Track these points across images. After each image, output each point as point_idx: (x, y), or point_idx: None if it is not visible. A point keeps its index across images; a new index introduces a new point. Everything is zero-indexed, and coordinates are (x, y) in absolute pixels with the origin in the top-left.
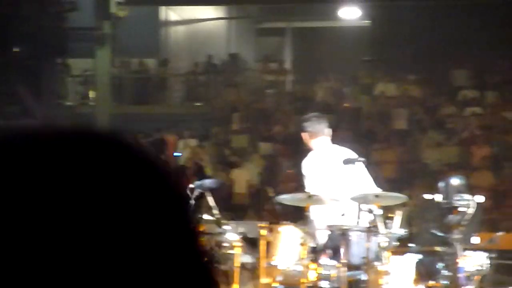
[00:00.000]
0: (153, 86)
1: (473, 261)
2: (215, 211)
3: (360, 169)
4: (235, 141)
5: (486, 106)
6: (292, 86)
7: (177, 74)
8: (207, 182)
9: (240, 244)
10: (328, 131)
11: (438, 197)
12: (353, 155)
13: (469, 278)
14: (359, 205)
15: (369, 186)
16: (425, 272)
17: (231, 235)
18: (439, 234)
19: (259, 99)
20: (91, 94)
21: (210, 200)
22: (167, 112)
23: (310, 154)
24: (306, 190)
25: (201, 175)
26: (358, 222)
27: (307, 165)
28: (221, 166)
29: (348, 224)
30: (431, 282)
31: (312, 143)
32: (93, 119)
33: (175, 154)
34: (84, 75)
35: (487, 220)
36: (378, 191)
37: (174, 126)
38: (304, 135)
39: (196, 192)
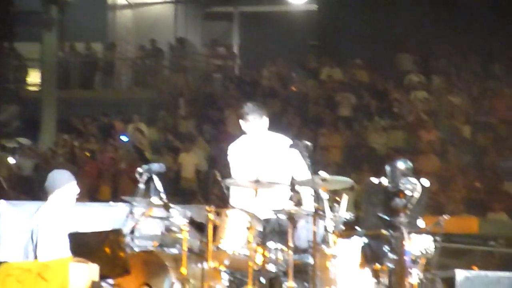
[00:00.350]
0: (100, 70)
1: (419, 244)
2: (163, 195)
3: (295, 155)
4: (182, 125)
5: (432, 91)
6: (240, 71)
7: (124, 58)
8: (155, 166)
9: (187, 228)
10: (264, 119)
11: (385, 181)
12: (288, 141)
13: (414, 261)
14: (305, 189)
15: (303, 172)
16: (371, 255)
17: (179, 219)
18: (385, 217)
19: (207, 84)
20: (38, 78)
21: (158, 184)
22: (114, 96)
23: (239, 139)
24: (232, 174)
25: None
26: (305, 206)
27: (234, 150)
28: (168, 150)
29: (294, 208)
30: (377, 265)
31: (246, 128)
32: (40, 104)
33: (121, 138)
34: (31, 59)
35: (432, 203)
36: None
37: (121, 110)
38: (241, 121)
39: (144, 176)
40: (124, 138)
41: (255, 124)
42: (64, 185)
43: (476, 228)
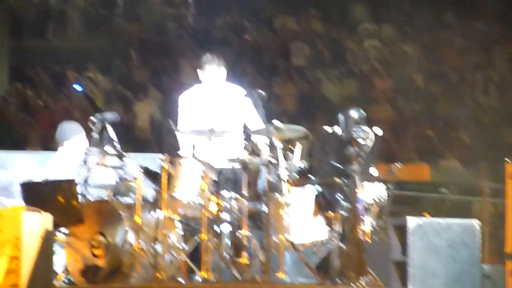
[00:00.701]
0: (52, 19)
1: (372, 192)
2: (117, 144)
3: (249, 105)
4: (135, 75)
5: (384, 40)
6: (193, 20)
7: (77, 7)
8: (108, 115)
9: (141, 177)
10: (221, 69)
11: (338, 130)
12: (243, 92)
13: (367, 208)
14: (260, 138)
15: (256, 122)
16: (324, 203)
17: (133, 168)
18: (338, 166)
19: (160, 33)
20: None
21: (112, 133)
22: (67, 45)
23: (191, 89)
24: (180, 123)
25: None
26: (259, 155)
27: (186, 99)
28: (121, 100)
29: (248, 157)
30: (330, 213)
31: (203, 77)
32: None
33: (75, 88)
34: None
35: (385, 151)
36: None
37: (74, 60)
38: (198, 70)
39: (98, 125)
40: (77, 88)
41: (212, 74)
42: (72, 136)
43: (428, 176)
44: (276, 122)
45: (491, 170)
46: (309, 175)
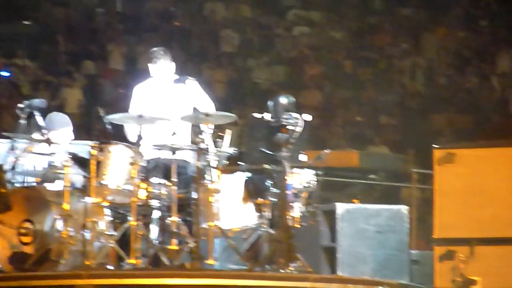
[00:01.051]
0: None
1: (301, 178)
2: (45, 131)
3: (196, 89)
4: (64, 60)
5: (314, 26)
6: (122, 5)
7: None
8: (36, 101)
9: (70, 163)
10: (172, 63)
11: (267, 116)
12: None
13: (296, 195)
14: (189, 125)
15: (207, 105)
16: (254, 189)
17: (61, 155)
18: (268, 152)
19: (89, 18)
20: None
21: (40, 120)
22: None
23: (146, 81)
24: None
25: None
26: (188, 141)
27: (139, 90)
28: (49, 86)
29: (178, 143)
30: (260, 200)
31: (154, 71)
32: None
33: (2, 73)
34: None
35: (314, 138)
36: (213, 110)
37: (1, 45)
38: (149, 64)
39: (26, 112)
40: (4, 74)
41: (163, 67)
42: (60, 128)
43: (357, 162)
44: (205, 108)
45: (419, 156)
46: (239, 161)
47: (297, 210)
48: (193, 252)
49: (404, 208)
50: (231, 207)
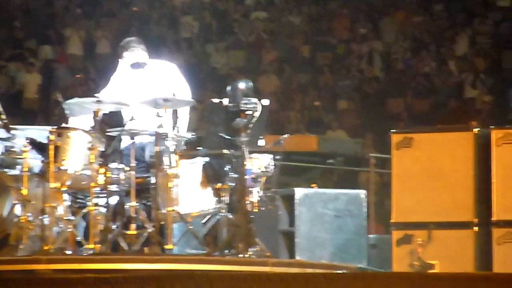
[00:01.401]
0: None
1: (259, 163)
2: (3, 116)
3: (172, 73)
4: (22, 46)
5: (272, 11)
6: None
7: None
8: None
9: (28, 148)
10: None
11: (226, 101)
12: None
13: (255, 179)
14: (148, 109)
15: (182, 90)
16: (212, 174)
17: (20, 140)
18: (227, 137)
19: (46, 4)
20: None
21: None
22: None
23: (122, 68)
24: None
25: None
26: (147, 126)
27: (117, 78)
28: (8, 72)
29: (137, 128)
30: (218, 184)
31: (130, 59)
32: None
33: None
34: None
35: (273, 123)
36: (189, 95)
37: None
38: (125, 53)
39: None
40: None
41: (139, 55)
42: (79, 115)
43: (315, 146)
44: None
45: (377, 140)
46: (197, 146)
47: (255, 194)
48: (151, 237)
49: (362, 193)
50: (190, 192)
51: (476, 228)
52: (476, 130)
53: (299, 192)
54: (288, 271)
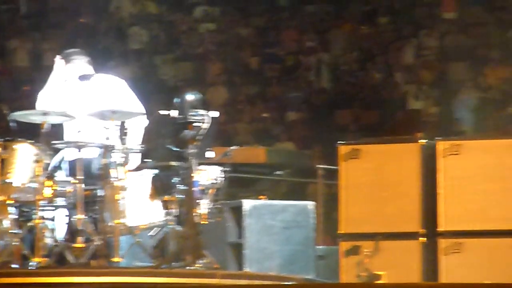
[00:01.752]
0: None
1: (208, 175)
2: None
3: (122, 89)
4: None
5: (220, 23)
6: (26, 2)
7: None
8: None
9: None
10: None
11: (174, 113)
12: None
13: (204, 191)
14: (96, 122)
15: (131, 103)
16: (161, 186)
17: None
18: (175, 149)
19: None
20: None
21: None
22: None
23: (63, 83)
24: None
25: None
26: (94, 138)
27: (50, 93)
28: None
29: (84, 140)
30: (166, 197)
31: (71, 72)
32: None
33: None
34: None
35: (221, 134)
36: (141, 107)
37: None
38: (68, 65)
39: None
40: None
41: (80, 67)
42: None
43: (264, 158)
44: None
45: (325, 152)
46: (145, 159)
47: (204, 206)
48: (99, 250)
49: (310, 204)
50: (138, 204)
51: (422, 239)
52: (422, 141)
53: (248, 204)
54: (236, 283)
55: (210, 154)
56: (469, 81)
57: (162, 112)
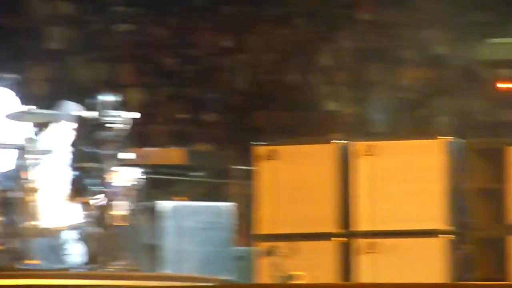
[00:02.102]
0: None
1: (125, 177)
2: None
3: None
4: None
5: (136, 23)
6: None
7: None
8: None
9: None
10: None
11: (90, 114)
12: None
13: (121, 193)
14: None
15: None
16: (77, 188)
17: None
18: (91, 150)
19: None
20: None
21: None
22: None
23: None
24: None
25: None
26: (8, 139)
27: None
28: None
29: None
30: (83, 198)
31: None
32: None
33: None
34: None
35: (138, 136)
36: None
37: None
38: None
39: None
40: None
41: None
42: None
43: (182, 159)
44: (29, 106)
45: (242, 153)
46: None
47: (121, 208)
48: (11, 252)
49: (229, 205)
50: (53, 205)
51: (338, 239)
52: (338, 142)
53: (165, 205)
54: (153, 284)
55: (127, 155)
56: (385, 82)
57: (76, 113)
